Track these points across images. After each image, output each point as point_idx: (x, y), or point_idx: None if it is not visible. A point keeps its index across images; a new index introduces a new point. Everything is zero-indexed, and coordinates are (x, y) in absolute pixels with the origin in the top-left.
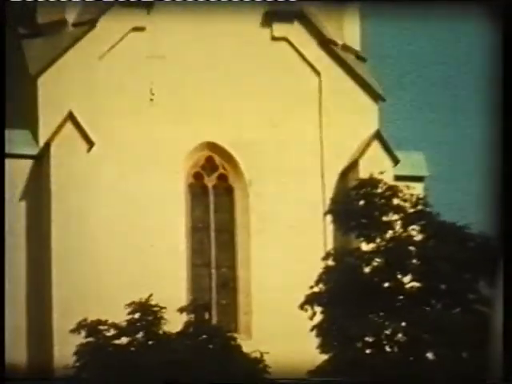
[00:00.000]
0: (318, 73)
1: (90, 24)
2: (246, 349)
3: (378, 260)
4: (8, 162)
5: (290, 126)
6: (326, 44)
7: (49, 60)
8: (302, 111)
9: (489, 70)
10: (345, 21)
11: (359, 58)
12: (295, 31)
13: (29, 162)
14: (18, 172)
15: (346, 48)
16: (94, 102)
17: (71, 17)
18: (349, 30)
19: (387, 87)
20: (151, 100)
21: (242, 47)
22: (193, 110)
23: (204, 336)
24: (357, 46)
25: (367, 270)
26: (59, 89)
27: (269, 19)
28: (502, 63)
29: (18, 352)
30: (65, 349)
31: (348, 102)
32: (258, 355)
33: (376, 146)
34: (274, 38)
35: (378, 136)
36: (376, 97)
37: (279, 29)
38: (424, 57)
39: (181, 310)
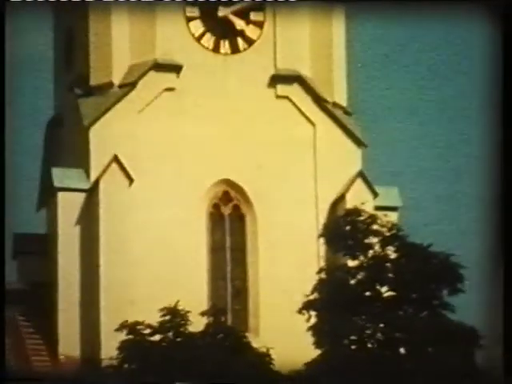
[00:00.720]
0: (313, 124)
1: (132, 85)
2: (254, 345)
3: (361, 274)
4: (65, 195)
5: (291, 166)
6: (319, 101)
7: (99, 114)
8: (301, 155)
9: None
10: (334, 82)
11: (346, 112)
12: (295, 91)
13: (82, 195)
14: (74, 202)
15: (335, 105)
16: (134, 148)
17: (117, 79)
18: (338, 90)
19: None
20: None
21: (253, 103)
22: (213, 153)
23: (221, 335)
24: (344, 103)
25: (352, 282)
26: (107, 137)
27: (274, 81)
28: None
29: (71, 345)
30: (110, 344)
31: (337, 148)
32: (264, 350)
33: (359, 182)
34: (277, 97)
35: (361, 175)
36: (359, 143)
37: (282, 89)
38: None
39: (203, 314)
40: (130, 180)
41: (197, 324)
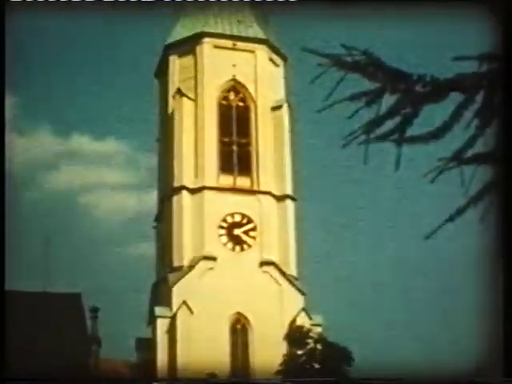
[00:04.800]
0: (280, 285)
1: (192, 267)
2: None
3: (304, 357)
4: (161, 319)
5: (270, 304)
6: (282, 273)
7: (177, 280)
8: (275, 299)
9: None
10: (290, 263)
11: (295, 278)
12: (271, 269)
13: (168, 319)
14: (164, 323)
15: (290, 275)
16: (194, 296)
17: (186, 263)
18: (292, 269)
19: None
20: None
21: (251, 275)
22: (232, 299)
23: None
24: (295, 274)
25: (299, 361)
26: (181, 291)
27: (261, 265)
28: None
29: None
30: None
31: (292, 296)
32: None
33: (303, 313)
34: (263, 272)
35: (303, 309)
36: (303, 293)
37: (265, 268)
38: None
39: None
40: (191, 312)
41: None
